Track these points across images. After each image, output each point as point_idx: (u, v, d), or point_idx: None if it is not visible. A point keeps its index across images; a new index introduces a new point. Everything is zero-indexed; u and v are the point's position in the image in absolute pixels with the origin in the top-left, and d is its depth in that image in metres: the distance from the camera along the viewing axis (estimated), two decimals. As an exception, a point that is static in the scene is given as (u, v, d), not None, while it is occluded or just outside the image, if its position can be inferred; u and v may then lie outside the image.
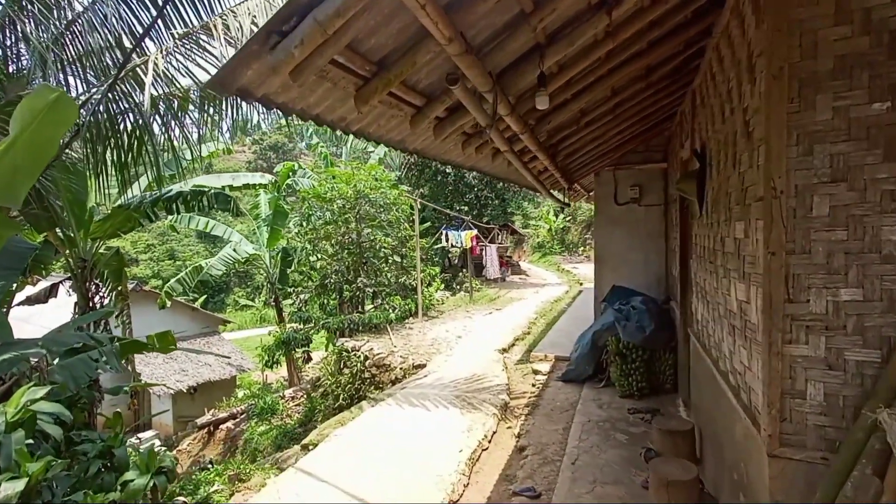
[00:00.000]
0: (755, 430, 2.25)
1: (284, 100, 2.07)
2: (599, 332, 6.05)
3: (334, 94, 2.12)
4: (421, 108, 2.56)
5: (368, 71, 2.07)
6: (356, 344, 9.24)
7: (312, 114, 2.23)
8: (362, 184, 11.19)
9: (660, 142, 6.97)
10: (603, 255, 7.41)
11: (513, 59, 2.42)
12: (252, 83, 1.85)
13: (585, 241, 38.04)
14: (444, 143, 3.16)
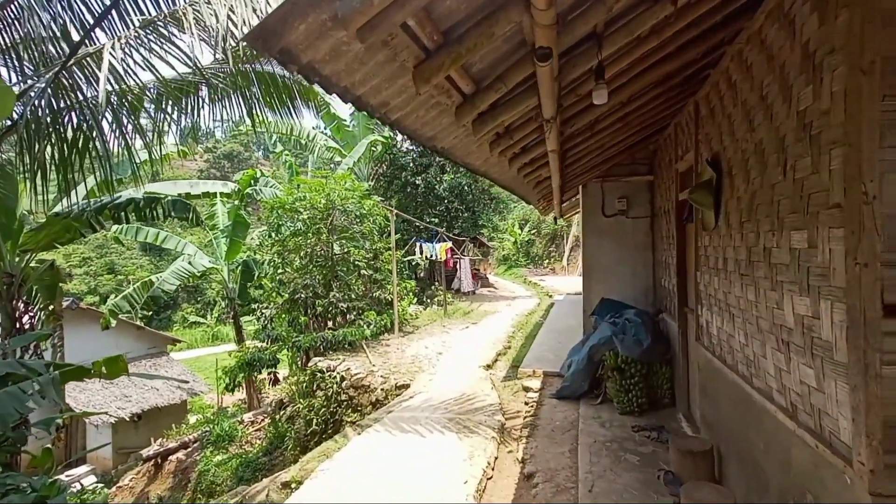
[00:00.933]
0: (836, 459, 2.05)
1: (330, 72, 1.73)
2: (596, 346, 5.87)
3: (386, 69, 1.80)
4: (469, 97, 2.28)
5: (435, 42, 1.76)
6: (331, 363, 8.74)
7: (355, 94, 1.90)
8: (335, 193, 10.73)
9: (645, 154, 6.94)
10: (591, 268, 7.29)
11: (572, 44, 2.17)
12: (299, 44, 1.51)
13: (550, 253, 38.54)
14: (472, 143, 2.90)
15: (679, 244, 5.34)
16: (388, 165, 20.72)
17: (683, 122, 5.00)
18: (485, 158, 3.47)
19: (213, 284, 40.75)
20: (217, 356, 25.33)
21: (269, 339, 9.76)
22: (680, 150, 5.18)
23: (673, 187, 5.53)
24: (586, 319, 7.32)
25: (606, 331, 5.84)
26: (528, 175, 4.65)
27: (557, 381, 7.06)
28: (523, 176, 4.71)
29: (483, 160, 3.54)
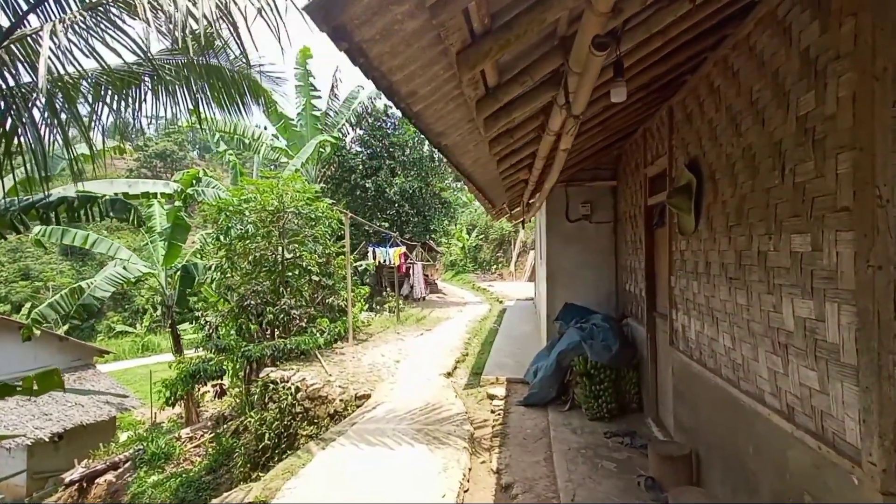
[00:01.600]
0: (842, 460, 2.05)
1: (376, 53, 1.54)
2: (565, 351, 5.86)
3: (427, 54, 1.63)
4: (492, 90, 2.13)
5: (484, 26, 1.60)
6: (284, 374, 8.28)
7: (390, 79, 1.71)
8: (288, 195, 10.24)
9: (609, 160, 7.06)
10: (555, 273, 7.32)
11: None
12: (356, 19, 1.32)
13: (497, 259, 39.02)
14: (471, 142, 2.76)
15: (648, 249, 5.43)
16: (336, 167, 20.22)
17: (654, 128, 5.10)
18: (476, 159, 3.34)
19: (143, 291, 38.20)
20: (151, 368, 23.64)
21: (215, 349, 9.11)
22: (650, 155, 5.28)
23: (641, 192, 5.63)
24: (550, 325, 7.33)
25: (575, 336, 5.85)
26: (509, 177, 4.57)
27: (522, 388, 7.01)
28: (504, 178, 4.62)
29: (473, 160, 3.41)
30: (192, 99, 7.15)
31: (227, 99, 7.60)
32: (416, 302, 20.51)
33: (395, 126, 21.23)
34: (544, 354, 6.86)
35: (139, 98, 6.64)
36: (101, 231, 42.63)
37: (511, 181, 5.09)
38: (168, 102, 6.92)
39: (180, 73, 6.92)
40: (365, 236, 18.89)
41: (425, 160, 20.48)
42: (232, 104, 7.78)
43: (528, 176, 4.88)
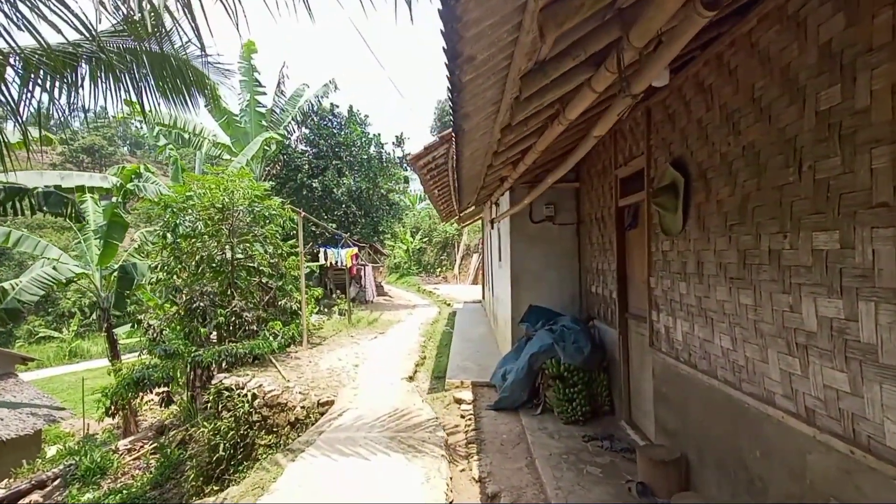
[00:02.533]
0: (883, 465, 2.00)
1: None
2: (536, 354, 5.74)
3: (507, 6, 1.35)
4: (541, 64, 1.88)
5: None
6: (239, 380, 7.66)
7: (461, 34, 1.42)
8: (238, 192, 9.53)
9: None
10: (519, 274, 7.22)
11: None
12: None
13: (441, 262, 38.98)
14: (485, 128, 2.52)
15: (619, 251, 5.42)
16: (282, 166, 19.33)
17: (627, 129, 5.08)
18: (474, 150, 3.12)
19: (70, 293, 34.93)
20: (83, 375, 21.69)
21: (166, 355, 8.28)
22: (621, 157, 5.26)
23: (610, 194, 5.62)
24: (515, 327, 7.22)
25: (547, 338, 5.74)
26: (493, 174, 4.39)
27: (489, 392, 6.85)
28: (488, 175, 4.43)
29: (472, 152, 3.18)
30: (135, 87, 6.53)
31: (172, 89, 7.03)
32: (363, 304, 19.98)
33: (342, 125, 20.61)
34: (512, 357, 6.73)
35: (76, 82, 5.95)
36: (20, 228, 38.47)
37: (493, 178, 4.91)
38: (109, 89, 6.28)
39: (123, 57, 6.27)
40: (312, 237, 18.14)
41: (373, 160, 20.02)
42: (178, 95, 7.20)
43: (510, 173, 4.71)
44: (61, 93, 5.57)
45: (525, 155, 3.91)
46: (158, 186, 12.25)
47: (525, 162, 4.19)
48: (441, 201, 12.73)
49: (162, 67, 6.65)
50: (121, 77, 6.28)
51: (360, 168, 19.65)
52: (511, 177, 4.80)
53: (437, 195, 11.63)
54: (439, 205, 13.06)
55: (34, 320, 36.50)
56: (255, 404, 7.03)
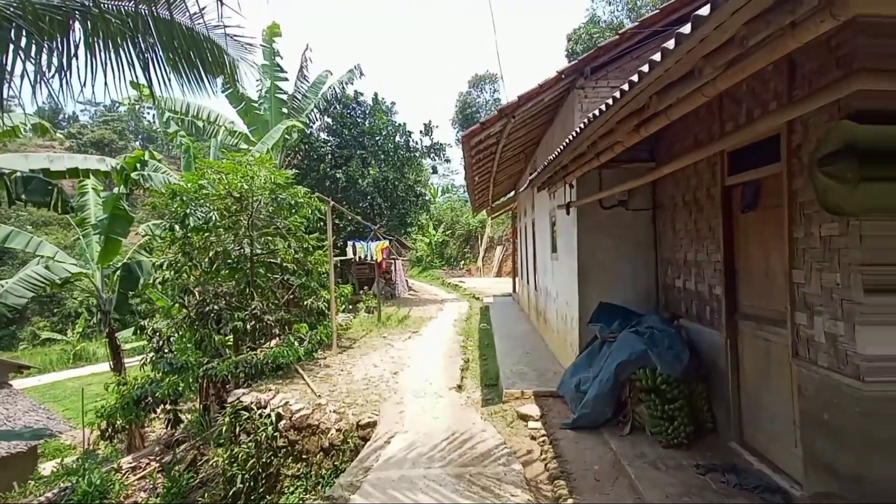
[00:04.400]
0: None
1: None
2: (625, 363, 4.81)
3: None
4: None
5: None
6: (260, 397, 6.88)
7: None
8: (259, 178, 8.70)
9: (645, 138, 6.04)
10: (587, 267, 6.28)
11: None
12: None
13: (465, 254, 38.08)
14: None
15: (727, 238, 4.45)
16: (303, 156, 18.55)
17: (744, 89, 4.09)
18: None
19: (76, 293, 33.89)
20: (85, 382, 21.07)
21: (169, 368, 7.51)
22: (732, 124, 4.28)
23: (711, 171, 4.65)
24: (583, 328, 6.29)
25: (637, 344, 4.81)
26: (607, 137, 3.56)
27: (557, 404, 5.97)
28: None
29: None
30: (140, 59, 5.57)
31: (185, 63, 6.06)
32: (388, 300, 19.21)
33: (366, 114, 19.73)
34: (583, 363, 5.82)
35: (68, 51, 5.08)
36: (25, 225, 38.11)
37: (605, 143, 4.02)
38: (109, 59, 5.32)
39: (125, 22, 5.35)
40: (336, 230, 17.35)
41: (399, 150, 19.11)
42: (192, 70, 6.22)
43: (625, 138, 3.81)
44: (50, 62, 4.71)
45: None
46: (167, 176, 11.47)
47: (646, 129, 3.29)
48: (479, 189, 11.83)
49: (172, 37, 5.72)
50: (122, 45, 5.36)
51: (386, 158, 18.78)
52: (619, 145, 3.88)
53: (476, 182, 10.72)
54: (476, 193, 12.16)
55: (38, 321, 35.83)
56: (279, 426, 6.22)
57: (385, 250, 12.78)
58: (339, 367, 8.41)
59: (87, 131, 57.91)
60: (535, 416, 5.62)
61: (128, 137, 61.15)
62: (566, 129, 6.94)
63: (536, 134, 8.85)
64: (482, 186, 11.69)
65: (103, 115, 65.47)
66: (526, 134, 8.38)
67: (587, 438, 4.88)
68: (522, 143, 9.19)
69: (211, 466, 7.26)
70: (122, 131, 60.11)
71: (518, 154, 10.04)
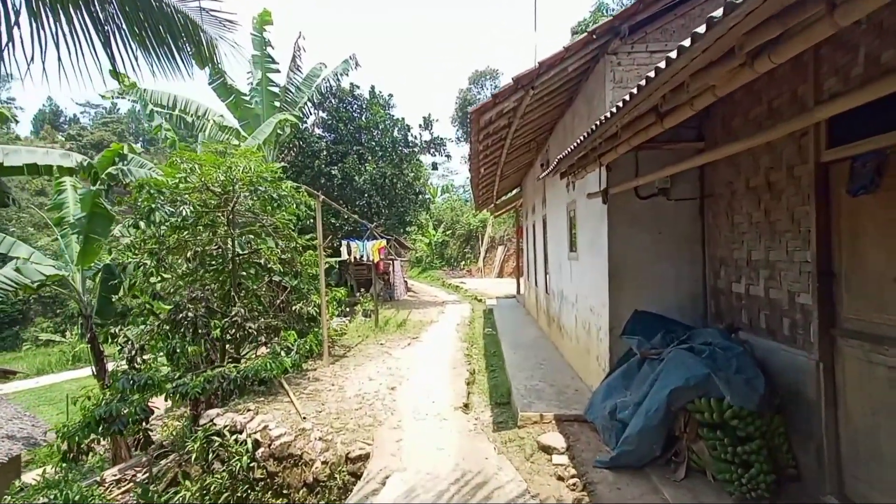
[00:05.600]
0: None
1: None
2: (681, 390, 3.82)
3: None
4: None
5: None
6: (237, 419, 5.90)
7: None
8: (239, 169, 7.70)
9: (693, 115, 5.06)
10: (619, 269, 5.29)
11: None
12: None
13: (465, 254, 37.06)
14: None
15: (822, 232, 3.46)
16: (297, 152, 17.54)
17: (848, 35, 3.10)
18: None
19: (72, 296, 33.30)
20: (81, 383, 20.16)
21: (134, 386, 6.48)
22: (833, 81, 3.29)
23: (798, 146, 3.66)
24: (614, 341, 5.30)
25: (697, 367, 3.82)
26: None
27: (585, 431, 4.98)
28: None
29: None
30: (99, 30, 4.62)
31: (153, 39, 5.11)
32: (388, 302, 18.20)
33: (363, 108, 18.72)
34: (618, 383, 4.83)
35: (6, 17, 4.14)
36: (25, 227, 37.14)
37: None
38: (61, 30, 4.37)
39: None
40: (332, 230, 16.36)
41: (398, 145, 18.08)
42: (161, 47, 5.27)
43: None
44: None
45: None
46: (152, 172, 10.52)
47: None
48: (484, 182, 10.84)
49: (137, 7, 4.82)
50: (76, 14, 4.44)
51: (384, 153, 17.76)
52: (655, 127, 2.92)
53: (481, 175, 9.73)
54: (481, 187, 11.18)
55: (41, 322, 35.30)
56: (257, 454, 5.25)
57: (382, 250, 11.79)
58: (329, 381, 7.41)
59: (87, 133, 57.13)
60: (559, 447, 4.63)
61: (128, 139, 60.35)
62: (592, 107, 5.96)
63: (550, 119, 7.87)
64: (488, 180, 10.70)
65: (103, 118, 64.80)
66: (540, 117, 7.40)
67: (631, 482, 3.89)
68: (534, 130, 8.20)
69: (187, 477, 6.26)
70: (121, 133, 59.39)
71: (528, 143, 9.04)
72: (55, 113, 67.67)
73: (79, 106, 77.33)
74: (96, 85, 5.22)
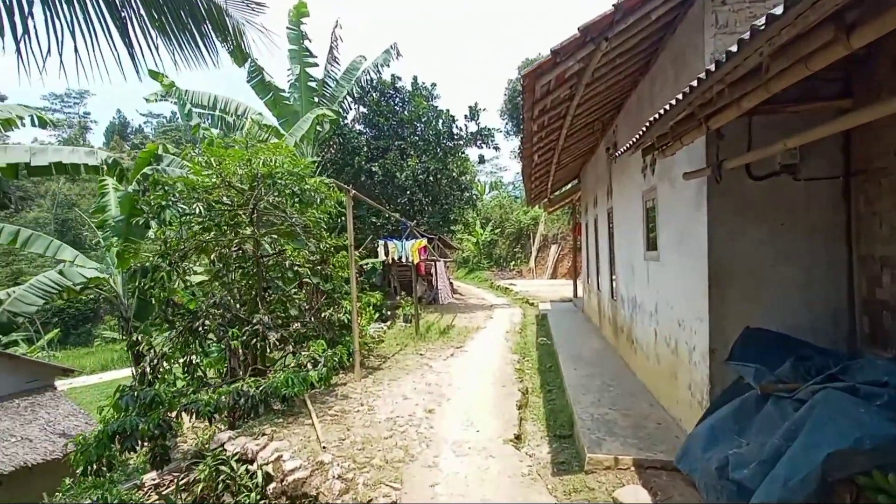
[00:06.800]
0: None
1: None
2: (847, 454, 2.55)
3: None
4: None
5: None
6: (249, 446, 5.06)
7: None
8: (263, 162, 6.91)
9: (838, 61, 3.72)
10: (724, 271, 4.03)
11: None
12: None
13: (515, 254, 35.60)
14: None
15: None
16: (336, 149, 16.89)
17: None
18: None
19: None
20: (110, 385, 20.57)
21: (132, 403, 5.76)
22: None
23: None
24: (715, 366, 4.04)
25: (876, 422, 2.55)
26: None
27: (678, 483, 3.78)
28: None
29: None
30: (115, 18, 4.15)
31: (174, 25, 4.60)
32: (431, 306, 17.23)
33: (405, 101, 17.84)
34: (728, 427, 3.56)
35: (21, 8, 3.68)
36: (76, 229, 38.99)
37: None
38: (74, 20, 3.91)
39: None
40: (372, 229, 15.58)
41: (442, 137, 17.07)
42: (182, 33, 4.72)
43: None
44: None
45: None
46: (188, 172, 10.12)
47: None
48: (538, 172, 9.61)
49: None
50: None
51: (427, 147, 16.81)
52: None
53: (535, 164, 8.53)
54: (533, 178, 9.96)
55: (109, 319, 37.06)
56: (268, 491, 4.34)
57: (422, 250, 10.80)
58: (359, 399, 6.48)
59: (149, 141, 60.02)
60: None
61: (185, 146, 63.02)
62: (682, 65, 4.69)
63: (619, 92, 6.63)
64: (542, 170, 9.47)
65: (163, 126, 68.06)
66: (607, 89, 6.18)
67: (768, 587, 2.65)
68: (599, 106, 6.96)
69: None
70: (178, 140, 62.21)
71: (591, 123, 7.79)
72: (123, 124, 71.53)
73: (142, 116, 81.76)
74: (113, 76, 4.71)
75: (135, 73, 4.53)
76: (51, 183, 44.29)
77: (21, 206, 44.20)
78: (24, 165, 7.83)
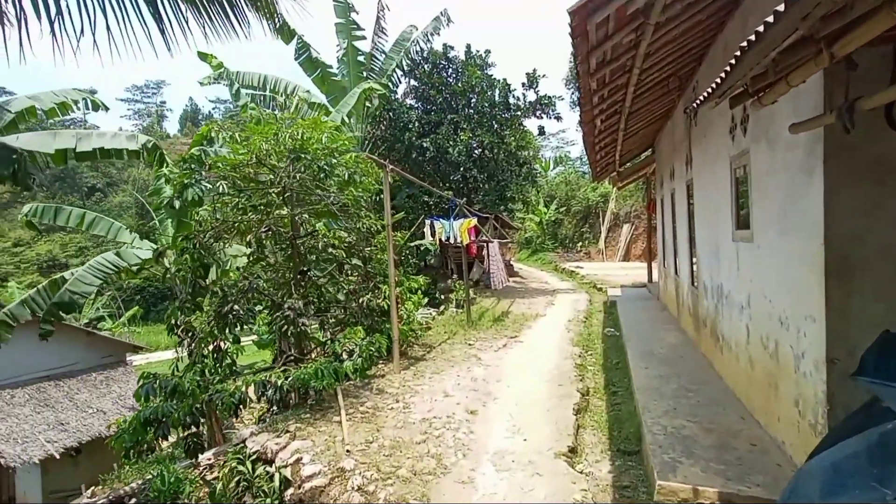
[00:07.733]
0: None
1: None
2: None
3: None
4: None
5: None
6: (269, 444, 4.64)
7: None
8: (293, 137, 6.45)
9: None
10: (848, 257, 3.01)
11: None
12: None
13: (583, 234, 33.85)
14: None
15: None
16: (386, 125, 16.34)
17: None
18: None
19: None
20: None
21: (153, 393, 5.56)
22: None
23: None
24: (835, 378, 3.04)
25: None
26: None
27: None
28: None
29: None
30: None
31: None
32: (487, 289, 16.48)
33: (459, 72, 16.91)
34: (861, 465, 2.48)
35: None
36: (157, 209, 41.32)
37: None
38: None
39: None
40: (424, 209, 14.98)
41: (497, 109, 16.03)
42: (212, 3, 4.24)
43: None
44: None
45: None
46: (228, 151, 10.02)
47: None
48: (602, 140, 8.50)
49: None
50: None
51: (482, 120, 15.86)
52: None
53: (598, 128, 7.44)
54: (597, 147, 8.84)
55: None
56: (286, 496, 3.87)
57: (472, 230, 10.04)
58: (395, 395, 5.93)
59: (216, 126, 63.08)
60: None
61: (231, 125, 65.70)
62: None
63: (700, 39, 5.48)
64: (606, 137, 8.35)
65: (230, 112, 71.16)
66: (683, 34, 5.08)
67: None
68: (675, 56, 5.83)
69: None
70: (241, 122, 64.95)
71: (666, 79, 6.63)
72: (195, 111, 75.45)
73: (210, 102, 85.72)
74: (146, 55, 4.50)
75: (166, 48, 4.14)
76: (132, 169, 47.34)
77: (106, 192, 47.81)
78: (71, 151, 7.95)
